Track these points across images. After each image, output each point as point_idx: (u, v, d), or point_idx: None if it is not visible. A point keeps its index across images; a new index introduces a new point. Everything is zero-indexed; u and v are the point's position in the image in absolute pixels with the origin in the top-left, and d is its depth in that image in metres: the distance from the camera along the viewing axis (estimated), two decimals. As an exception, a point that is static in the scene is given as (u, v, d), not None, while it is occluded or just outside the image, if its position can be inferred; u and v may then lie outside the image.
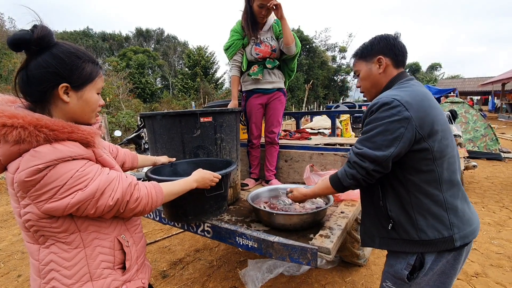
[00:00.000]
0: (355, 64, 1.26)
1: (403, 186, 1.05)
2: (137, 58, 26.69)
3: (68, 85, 0.81)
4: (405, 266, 1.05)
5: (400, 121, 0.97)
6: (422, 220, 1.02)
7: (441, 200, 1.02)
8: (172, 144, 1.78)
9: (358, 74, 1.24)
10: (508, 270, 2.29)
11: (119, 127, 11.40)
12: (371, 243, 1.17)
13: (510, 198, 3.93)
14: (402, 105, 0.98)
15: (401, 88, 1.09)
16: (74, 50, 0.83)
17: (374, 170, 1.01)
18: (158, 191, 0.99)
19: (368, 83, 1.21)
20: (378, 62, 1.16)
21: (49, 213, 0.78)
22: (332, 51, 35.38)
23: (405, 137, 0.97)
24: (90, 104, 0.88)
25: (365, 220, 1.21)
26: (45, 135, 0.74)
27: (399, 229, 1.06)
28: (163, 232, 3.31)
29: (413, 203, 1.03)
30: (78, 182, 0.78)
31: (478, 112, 6.28)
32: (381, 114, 1.00)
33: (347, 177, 1.08)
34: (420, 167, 1.02)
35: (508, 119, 14.24)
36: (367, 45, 1.20)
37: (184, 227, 1.65)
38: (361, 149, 1.04)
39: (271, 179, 2.43)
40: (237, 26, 2.27)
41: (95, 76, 0.87)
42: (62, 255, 0.83)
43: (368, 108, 1.08)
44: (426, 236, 1.01)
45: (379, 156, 0.98)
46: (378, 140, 1.00)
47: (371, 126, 1.03)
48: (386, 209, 1.08)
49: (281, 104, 2.39)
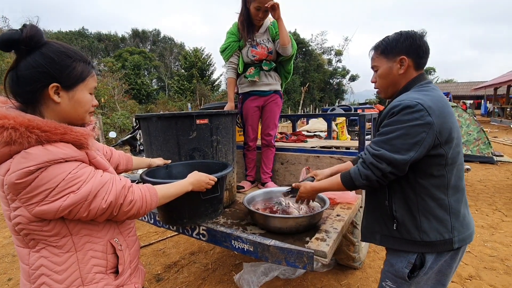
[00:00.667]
0: (374, 59, 1.19)
1: (413, 188, 1.05)
2: (133, 59, 26.55)
3: (59, 85, 0.80)
4: (406, 265, 1.07)
5: (422, 125, 0.96)
6: (426, 222, 1.04)
7: (446, 204, 1.05)
8: (167, 146, 1.77)
9: (376, 70, 1.18)
10: (501, 273, 2.31)
11: (114, 128, 11.30)
12: (371, 239, 1.19)
13: (502, 201, 3.98)
14: (425, 109, 0.96)
15: (422, 91, 1.06)
16: (64, 50, 0.81)
17: (390, 172, 1.00)
18: (152, 193, 0.98)
19: (385, 82, 1.17)
20: (400, 62, 1.11)
21: (40, 216, 0.76)
22: (328, 54, 35.62)
23: (426, 142, 0.97)
24: (82, 104, 0.86)
25: (368, 216, 1.22)
26: (37, 137, 0.73)
27: (402, 229, 1.07)
28: (158, 234, 3.27)
29: (419, 205, 1.04)
30: (70, 184, 0.76)
31: (471, 116, 6.36)
32: (403, 117, 0.98)
33: (361, 177, 1.07)
34: (432, 171, 1.03)
35: (500, 123, 14.47)
36: (391, 41, 1.12)
37: (179, 230, 1.64)
38: (379, 150, 1.02)
39: (267, 181, 2.42)
40: (233, 28, 2.27)
41: (86, 75, 0.86)
42: (53, 259, 0.81)
43: (388, 109, 1.05)
44: (427, 238, 1.04)
45: (397, 159, 0.98)
46: (398, 143, 0.98)
47: (391, 128, 1.01)
48: (391, 209, 1.09)
49: (278, 107, 2.39)
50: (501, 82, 15.80)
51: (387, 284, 1.13)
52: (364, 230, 1.25)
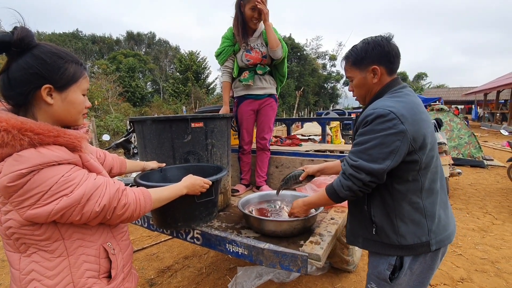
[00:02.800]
0: (347, 70, 1.19)
1: (390, 194, 1.07)
2: (127, 62, 26.43)
3: (51, 86, 0.79)
4: (387, 267, 1.10)
5: (396, 134, 0.97)
6: (403, 226, 1.06)
7: (421, 207, 1.07)
8: (162, 150, 1.76)
9: (351, 80, 1.20)
10: (492, 275, 2.34)
11: (107, 131, 11.19)
12: (355, 242, 1.22)
13: (493, 204, 4.05)
14: (398, 118, 0.97)
15: (395, 97, 1.07)
16: (56, 51, 0.81)
17: (370, 181, 1.02)
18: (146, 197, 0.97)
19: (362, 91, 1.18)
20: (373, 72, 1.11)
21: (32, 220, 0.75)
22: (322, 59, 36.02)
23: (401, 150, 0.98)
24: (75, 106, 0.85)
25: (352, 220, 1.25)
26: (30, 139, 0.72)
27: (381, 233, 1.09)
28: (151, 238, 3.24)
29: (396, 210, 1.06)
30: (63, 187, 0.75)
31: (462, 121, 6.48)
32: (377, 127, 0.99)
33: (343, 188, 1.08)
34: (407, 177, 1.05)
35: (490, 128, 14.76)
36: (360, 52, 1.12)
37: (173, 234, 1.62)
38: (356, 161, 1.03)
39: (262, 185, 2.43)
40: (228, 33, 2.29)
41: (79, 76, 0.85)
42: (44, 264, 0.80)
43: (362, 118, 1.05)
44: (405, 241, 1.06)
45: (375, 168, 0.99)
46: (374, 153, 0.99)
47: (366, 137, 1.02)
48: (370, 214, 1.11)
49: (273, 110, 2.40)
50: (490, 88, 16.16)
51: (372, 286, 1.16)
52: (348, 233, 1.27)
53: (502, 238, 3.02)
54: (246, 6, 2.10)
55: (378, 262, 1.13)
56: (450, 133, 6.39)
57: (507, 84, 13.57)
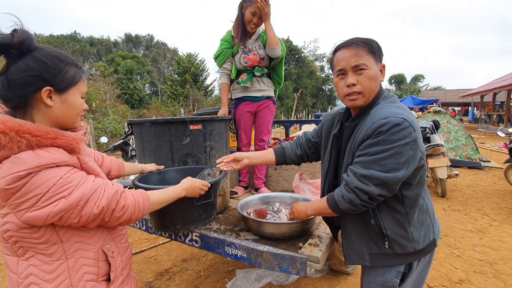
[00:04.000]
0: (361, 56, 1.00)
1: (400, 202, 1.02)
2: (125, 64, 26.42)
3: (52, 89, 0.79)
4: (395, 275, 1.07)
5: (410, 143, 0.92)
6: (416, 231, 1.04)
7: (426, 208, 1.09)
8: (160, 152, 1.76)
9: (363, 69, 1.01)
10: (490, 277, 2.35)
11: (105, 133, 11.16)
12: (359, 261, 1.12)
13: (490, 205, 4.07)
14: (411, 126, 0.92)
15: (393, 103, 1.03)
16: (56, 54, 0.82)
17: (379, 194, 0.95)
18: (145, 199, 0.97)
19: (374, 86, 1.04)
20: (381, 70, 1.07)
21: (30, 222, 0.74)
22: (320, 61, 36.21)
23: (414, 159, 0.94)
24: (74, 108, 0.86)
25: (352, 237, 1.14)
26: (27, 141, 0.72)
27: (394, 245, 1.04)
28: (149, 241, 3.22)
29: (409, 217, 1.03)
30: (61, 189, 0.75)
31: (459, 122, 6.52)
32: (393, 137, 0.92)
33: (344, 200, 1.01)
34: (414, 182, 1.02)
35: (487, 130, 14.85)
36: (377, 45, 1.04)
37: (172, 237, 1.62)
38: (368, 171, 0.95)
39: (261, 187, 2.42)
40: (227, 35, 2.31)
41: (78, 79, 0.86)
42: (42, 268, 0.80)
43: (375, 128, 0.95)
44: (418, 246, 1.05)
45: (389, 177, 0.92)
46: (389, 163, 0.93)
47: (380, 148, 0.94)
48: (380, 227, 1.04)
49: (271, 113, 2.41)
50: (487, 90, 16.29)
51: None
52: (349, 253, 1.15)
53: (500, 239, 3.03)
54: (247, 10, 2.13)
55: (383, 271, 1.08)
56: (447, 135, 6.43)
57: (504, 86, 13.68)
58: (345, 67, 1.03)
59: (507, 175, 4.65)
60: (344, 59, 1.03)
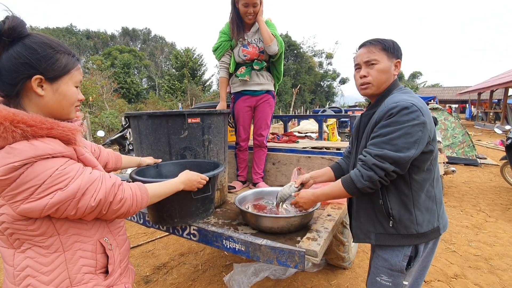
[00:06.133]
0: (374, 52, 1.17)
1: (407, 185, 1.11)
2: (122, 58, 26.16)
3: (42, 77, 0.77)
4: (402, 258, 1.13)
5: (419, 125, 1.02)
6: (420, 215, 1.11)
7: (433, 195, 1.14)
8: (158, 145, 1.74)
9: (373, 63, 1.17)
10: (485, 272, 2.38)
11: (102, 128, 11.08)
12: (366, 239, 1.22)
13: (486, 202, 4.11)
14: (419, 110, 1.03)
15: (406, 93, 1.14)
16: (47, 41, 0.79)
17: (393, 171, 1.04)
18: (143, 192, 0.96)
19: (384, 77, 1.18)
20: (396, 65, 1.19)
21: (26, 214, 0.73)
22: (319, 57, 36.06)
23: (423, 140, 1.04)
24: (67, 98, 0.83)
25: (360, 217, 1.24)
26: (22, 131, 0.70)
27: (398, 225, 1.12)
28: (147, 235, 3.22)
29: (414, 200, 1.11)
30: (58, 181, 0.74)
31: (457, 120, 6.55)
32: (402, 118, 1.03)
33: (363, 178, 1.09)
34: (423, 167, 1.10)
35: (484, 127, 14.93)
36: (390, 43, 1.18)
37: (170, 230, 1.61)
38: (381, 150, 1.05)
39: (259, 181, 2.42)
40: (226, 27, 2.27)
41: (71, 67, 0.83)
42: (39, 260, 0.78)
43: (386, 110, 1.07)
44: (421, 229, 1.11)
45: (401, 157, 1.02)
46: (400, 143, 1.03)
47: (390, 128, 1.05)
48: (387, 207, 1.13)
49: (270, 107, 2.39)
50: (484, 88, 16.33)
51: (382, 279, 1.18)
52: (357, 231, 1.26)
53: (495, 235, 3.06)
54: (239, 2, 2.09)
55: (391, 255, 1.15)
56: (445, 132, 6.46)
57: (501, 83, 13.73)
58: (360, 62, 1.21)
59: (503, 172, 4.69)
60: (360, 55, 1.21)
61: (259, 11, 2.07)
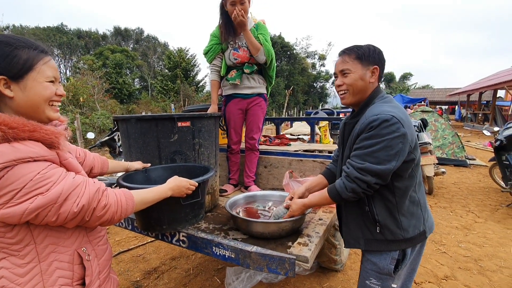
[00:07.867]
0: (347, 62, 1.19)
1: (391, 192, 1.14)
2: (114, 58, 25.82)
3: (6, 77, 0.73)
4: (390, 262, 1.16)
5: (399, 137, 1.04)
6: (405, 220, 1.14)
7: (417, 200, 1.17)
8: (147, 149, 1.71)
9: (347, 73, 1.19)
10: (475, 273, 2.40)
11: (93, 129, 10.90)
12: (356, 245, 1.24)
13: (475, 202, 4.17)
14: (399, 122, 1.04)
15: (387, 103, 1.15)
16: (3, 39, 0.75)
17: (376, 183, 1.08)
18: (128, 198, 0.93)
19: (357, 87, 1.19)
20: (372, 71, 1.19)
21: (4, 220, 0.70)
22: (312, 58, 36.25)
23: (403, 151, 1.06)
24: (39, 95, 0.78)
25: (349, 223, 1.27)
26: (3, 133, 0.68)
27: (385, 231, 1.15)
28: (137, 239, 3.16)
29: (399, 206, 1.14)
30: (39, 185, 0.71)
31: (446, 121, 6.65)
32: (383, 131, 1.05)
33: (346, 190, 1.13)
34: (405, 174, 1.13)
35: (473, 128, 15.24)
36: (366, 50, 1.18)
37: (158, 237, 1.58)
38: (363, 164, 1.08)
39: (250, 185, 2.40)
40: (216, 30, 2.24)
41: (34, 62, 0.77)
42: (14, 271, 0.75)
43: (367, 123, 1.08)
44: (408, 234, 1.14)
45: (382, 169, 1.05)
46: (381, 155, 1.05)
47: (372, 141, 1.07)
48: (373, 213, 1.16)
49: (261, 110, 2.37)
50: (473, 89, 16.66)
51: (372, 282, 1.20)
52: (347, 237, 1.29)
53: (485, 236, 3.11)
54: (227, 4, 2.05)
55: (379, 259, 1.17)
56: (435, 133, 6.55)
57: (489, 85, 14.03)
58: (336, 72, 1.25)
59: (492, 173, 4.77)
60: (336, 65, 1.25)
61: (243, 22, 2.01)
